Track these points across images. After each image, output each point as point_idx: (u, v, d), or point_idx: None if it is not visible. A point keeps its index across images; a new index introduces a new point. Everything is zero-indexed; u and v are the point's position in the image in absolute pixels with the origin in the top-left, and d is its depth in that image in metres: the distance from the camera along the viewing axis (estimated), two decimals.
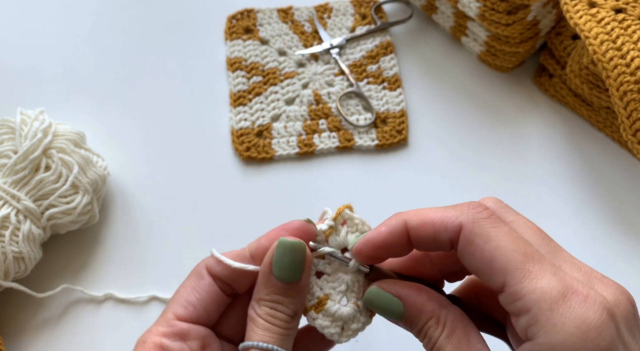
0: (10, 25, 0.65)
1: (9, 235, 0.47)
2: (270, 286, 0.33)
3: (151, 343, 0.33)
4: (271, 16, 0.64)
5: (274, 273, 0.33)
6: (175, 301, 0.35)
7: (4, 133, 0.50)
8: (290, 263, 0.33)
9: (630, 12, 0.50)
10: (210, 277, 0.35)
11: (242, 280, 0.35)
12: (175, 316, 0.34)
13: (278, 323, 0.33)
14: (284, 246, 0.33)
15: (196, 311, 0.35)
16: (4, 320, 0.50)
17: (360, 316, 0.34)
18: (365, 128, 0.58)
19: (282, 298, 0.33)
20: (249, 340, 0.33)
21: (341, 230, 0.35)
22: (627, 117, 0.49)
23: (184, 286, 0.36)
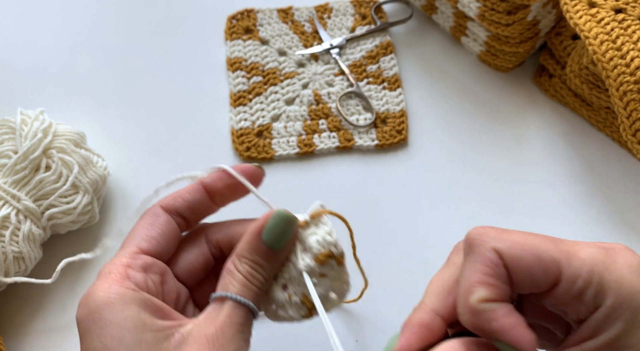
0: (10, 25, 0.65)
1: (9, 235, 0.47)
2: (255, 248, 0.35)
3: (117, 274, 0.34)
4: (271, 16, 0.64)
5: (263, 237, 0.35)
6: (136, 236, 0.36)
7: (4, 133, 0.50)
8: (280, 233, 0.35)
9: (630, 12, 0.51)
10: (166, 214, 0.37)
11: (199, 213, 0.38)
12: (139, 249, 0.36)
13: (255, 283, 0.35)
14: (280, 216, 0.35)
15: (158, 244, 0.36)
16: (4, 320, 0.50)
17: (288, 309, 0.36)
18: (365, 128, 0.58)
19: (263, 262, 0.35)
20: (225, 290, 0.34)
21: (309, 229, 0.36)
22: (627, 117, 0.49)
23: (140, 224, 0.37)
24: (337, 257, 0.35)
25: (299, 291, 0.36)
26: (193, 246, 0.38)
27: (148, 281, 0.35)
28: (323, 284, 0.35)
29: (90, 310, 0.33)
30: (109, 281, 0.34)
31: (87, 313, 0.33)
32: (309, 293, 0.35)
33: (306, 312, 0.36)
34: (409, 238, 0.53)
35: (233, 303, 0.34)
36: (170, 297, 0.36)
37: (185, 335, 0.33)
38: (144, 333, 0.32)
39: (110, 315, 0.32)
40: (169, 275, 0.36)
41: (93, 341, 0.32)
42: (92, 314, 0.33)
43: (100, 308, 0.33)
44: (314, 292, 0.35)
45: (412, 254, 0.53)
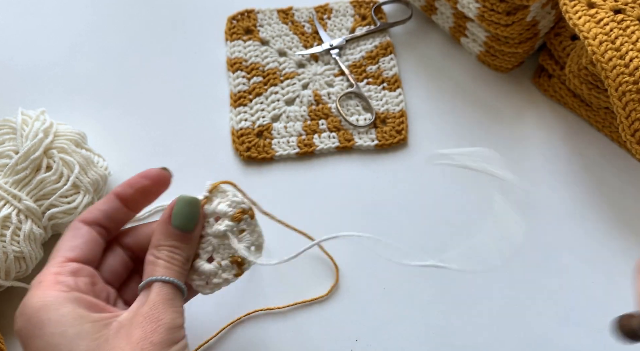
0: (11, 26, 0.65)
1: (10, 235, 0.47)
2: (169, 235, 0.38)
3: (48, 282, 0.36)
4: (271, 17, 0.65)
5: (173, 223, 0.38)
6: (61, 248, 0.39)
7: (5, 134, 0.50)
8: (188, 215, 0.39)
9: (629, 13, 0.51)
10: (86, 226, 0.40)
11: (116, 220, 0.41)
12: (66, 258, 0.38)
13: (176, 263, 0.38)
14: (183, 200, 0.39)
15: (82, 252, 0.39)
16: (4, 319, 0.50)
17: (221, 273, 0.40)
18: (365, 129, 0.58)
19: (179, 244, 0.38)
20: (150, 275, 0.37)
21: (214, 200, 0.40)
22: (626, 117, 0.50)
23: (63, 238, 0.39)
24: (248, 212, 0.40)
25: (226, 254, 0.40)
26: (111, 253, 0.41)
27: (79, 284, 0.37)
28: (244, 238, 0.40)
29: (28, 317, 0.35)
30: (42, 289, 0.36)
31: (25, 321, 0.35)
32: (235, 252, 0.40)
33: (237, 270, 0.40)
34: (409, 238, 0.53)
35: (159, 283, 0.37)
36: (102, 297, 0.38)
37: (122, 322, 0.36)
38: (83, 325, 0.34)
39: (47, 314, 0.34)
40: (97, 278, 0.39)
41: (36, 343, 0.34)
42: (30, 320, 0.35)
43: (37, 312, 0.35)
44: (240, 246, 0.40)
45: (412, 254, 0.53)
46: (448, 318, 0.50)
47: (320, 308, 0.50)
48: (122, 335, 0.35)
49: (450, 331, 0.49)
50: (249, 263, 0.40)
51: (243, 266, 0.40)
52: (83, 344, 0.34)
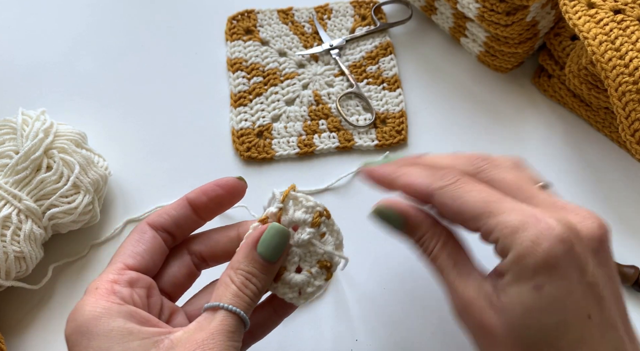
0: (11, 26, 0.65)
1: (10, 235, 0.47)
2: (251, 260, 0.36)
3: (104, 289, 0.35)
4: (271, 17, 0.65)
5: (258, 249, 0.36)
6: (122, 253, 0.38)
7: (6, 134, 0.50)
8: (275, 245, 0.37)
9: (629, 13, 0.51)
10: (152, 230, 0.39)
11: (185, 228, 0.40)
12: (125, 266, 0.37)
13: (248, 293, 0.36)
14: (275, 230, 0.37)
15: (144, 260, 0.38)
16: (5, 319, 0.50)
17: (313, 281, 0.39)
18: (365, 129, 0.58)
19: (258, 273, 0.36)
20: (219, 300, 0.35)
21: (289, 209, 0.38)
22: (626, 118, 0.50)
23: (128, 241, 0.38)
24: (324, 213, 0.39)
25: (313, 261, 0.39)
26: (175, 259, 0.40)
27: (134, 296, 0.36)
28: (327, 241, 0.39)
29: (78, 324, 0.34)
30: (96, 296, 0.35)
31: (74, 327, 0.34)
32: (321, 257, 0.39)
33: (327, 274, 0.39)
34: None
35: (225, 312, 0.35)
36: (155, 309, 0.37)
37: (174, 341, 0.34)
38: (131, 342, 0.33)
39: (96, 327, 0.34)
40: (154, 289, 0.38)
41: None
42: (80, 328, 0.34)
43: (87, 322, 0.34)
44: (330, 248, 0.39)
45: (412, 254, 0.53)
46: (448, 318, 0.50)
47: (320, 308, 0.50)
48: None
49: (451, 332, 0.49)
50: (336, 265, 0.40)
51: (331, 269, 0.39)
52: None
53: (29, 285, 0.49)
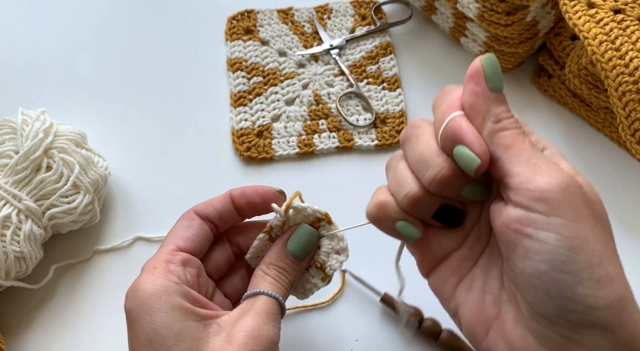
0: (11, 26, 0.65)
1: (10, 235, 0.47)
2: (282, 256, 0.40)
3: (161, 268, 0.38)
4: (271, 17, 0.65)
5: (288, 247, 0.40)
6: (174, 236, 0.41)
7: (6, 134, 0.50)
8: (304, 245, 0.41)
9: (629, 13, 0.51)
10: (199, 219, 0.41)
11: (226, 221, 0.43)
12: (177, 247, 0.40)
13: (283, 283, 0.40)
14: (305, 230, 0.41)
15: (193, 244, 0.40)
16: (5, 319, 0.50)
17: (311, 279, 0.42)
18: (365, 129, 0.58)
19: (289, 268, 0.40)
20: (257, 287, 0.39)
21: (291, 218, 0.41)
22: (626, 117, 0.50)
23: (178, 226, 0.41)
24: (324, 219, 0.42)
25: (311, 262, 0.42)
26: (218, 246, 0.43)
27: (187, 275, 0.39)
28: (323, 243, 0.42)
29: (139, 300, 0.36)
30: (155, 275, 0.37)
31: (136, 303, 0.36)
32: (318, 258, 0.42)
33: (323, 274, 0.42)
34: None
35: (265, 297, 0.38)
36: (204, 289, 0.40)
37: (221, 325, 0.37)
38: (189, 321, 0.36)
39: (157, 304, 0.36)
40: (202, 270, 0.41)
41: (144, 327, 0.36)
42: (142, 304, 0.36)
43: (149, 298, 0.36)
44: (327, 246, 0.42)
45: None
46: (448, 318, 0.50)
47: (320, 307, 0.50)
48: (222, 339, 0.36)
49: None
50: (330, 267, 0.42)
51: (326, 270, 0.42)
52: (187, 341, 0.35)
53: (29, 285, 0.49)
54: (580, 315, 0.29)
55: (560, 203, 0.29)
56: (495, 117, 0.32)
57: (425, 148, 0.33)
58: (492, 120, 0.32)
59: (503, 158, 0.31)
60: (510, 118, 0.32)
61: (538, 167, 0.30)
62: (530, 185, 0.30)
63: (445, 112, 0.34)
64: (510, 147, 0.31)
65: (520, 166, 0.30)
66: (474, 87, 0.33)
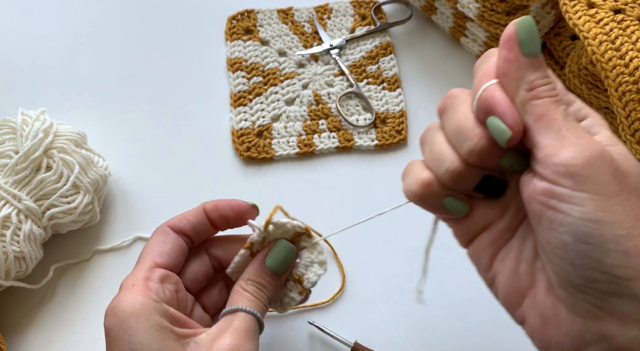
0: (11, 26, 0.65)
1: (10, 235, 0.47)
2: (260, 272, 0.40)
3: (140, 286, 0.38)
4: (271, 17, 0.65)
5: (267, 263, 0.40)
6: (150, 252, 0.40)
7: (5, 134, 0.50)
8: (283, 260, 0.41)
9: (629, 13, 0.51)
10: (174, 233, 0.42)
11: (201, 233, 0.43)
12: (155, 263, 0.40)
13: (261, 299, 0.40)
14: (283, 246, 0.41)
15: (170, 259, 0.40)
16: (5, 319, 0.50)
17: (289, 293, 0.42)
18: (365, 129, 0.58)
19: (266, 283, 0.40)
20: (236, 304, 0.39)
21: (271, 234, 0.41)
22: (626, 117, 0.50)
23: (152, 242, 0.41)
24: (303, 233, 0.42)
25: (289, 275, 0.42)
26: (196, 259, 0.43)
27: (165, 291, 0.39)
28: (302, 256, 0.42)
29: (119, 319, 0.36)
30: (134, 293, 0.37)
31: (116, 322, 0.36)
32: (296, 271, 0.42)
33: (300, 288, 0.42)
34: (409, 238, 0.53)
35: (244, 313, 0.38)
36: (182, 304, 0.40)
37: (199, 344, 0.37)
38: (168, 340, 0.36)
39: (137, 323, 0.36)
40: (180, 285, 0.41)
41: (123, 346, 0.36)
42: (121, 323, 0.36)
43: (128, 317, 0.36)
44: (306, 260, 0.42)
45: (412, 254, 0.53)
46: (448, 318, 0.50)
47: (320, 307, 0.50)
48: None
49: (451, 332, 0.49)
50: (308, 280, 0.42)
51: (303, 284, 0.42)
52: None
53: (29, 285, 0.49)
54: (608, 285, 0.29)
55: (585, 177, 0.29)
56: (529, 84, 0.30)
57: (462, 118, 0.33)
58: (525, 88, 0.31)
59: (533, 128, 0.30)
60: (545, 86, 0.31)
61: (567, 140, 0.29)
62: (556, 158, 0.29)
63: (480, 80, 0.33)
64: (541, 118, 0.30)
65: (548, 138, 0.30)
66: (507, 53, 0.31)
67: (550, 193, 0.29)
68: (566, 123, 0.30)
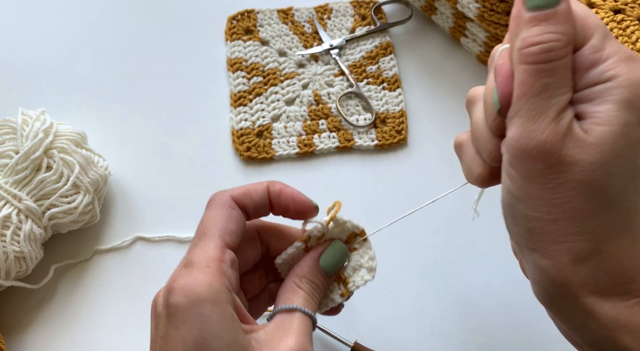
0: (11, 26, 0.65)
1: (10, 235, 0.47)
2: (315, 271, 0.39)
3: (214, 269, 0.34)
4: (271, 17, 0.65)
5: (321, 263, 0.39)
6: (218, 227, 0.36)
7: (6, 134, 0.50)
8: (337, 262, 0.39)
9: (628, 13, 0.51)
10: (239, 209, 0.38)
11: (259, 214, 0.40)
12: (225, 243, 0.36)
13: (315, 299, 0.38)
14: (338, 247, 0.40)
15: (237, 239, 0.37)
16: (5, 319, 0.50)
17: (330, 294, 0.40)
18: (364, 129, 0.58)
19: (320, 283, 0.39)
20: (292, 303, 0.37)
21: (329, 230, 0.40)
22: None
23: (218, 215, 0.37)
24: (359, 235, 0.41)
25: None
26: (250, 242, 0.40)
27: (232, 278, 0.35)
28: (352, 258, 0.41)
29: (192, 302, 0.33)
30: (209, 276, 0.34)
31: (188, 304, 0.33)
32: (343, 272, 0.40)
33: (343, 289, 0.40)
34: (409, 238, 0.53)
35: (301, 314, 0.36)
36: (241, 293, 0.39)
37: (260, 342, 0.34)
38: (237, 335, 0.34)
39: (212, 312, 0.33)
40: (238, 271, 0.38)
41: (193, 332, 0.33)
42: (194, 307, 0.33)
43: (203, 303, 0.33)
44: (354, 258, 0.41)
45: (412, 254, 0.53)
46: (448, 318, 0.50)
47: None
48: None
49: (451, 332, 0.49)
50: (354, 283, 0.40)
51: (348, 286, 0.40)
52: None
53: (29, 285, 0.50)
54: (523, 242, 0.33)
55: (519, 160, 0.30)
56: (520, 42, 0.29)
57: (475, 126, 0.36)
58: (517, 47, 0.29)
59: (514, 97, 0.30)
60: (539, 45, 0.29)
61: (522, 120, 0.29)
62: (508, 132, 0.30)
63: (503, 43, 0.32)
64: (518, 87, 0.29)
65: (512, 112, 0.30)
66: (514, 8, 0.30)
67: (501, 159, 0.32)
68: (531, 103, 0.29)
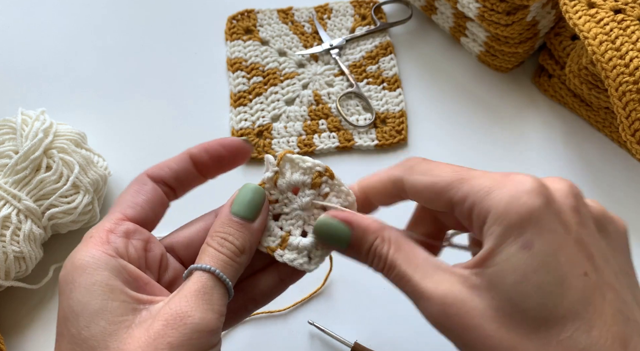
0: (11, 26, 0.65)
1: (9, 235, 0.47)
2: (226, 222, 0.35)
3: (98, 238, 0.33)
4: (271, 17, 0.65)
5: (232, 210, 0.35)
6: (122, 203, 0.36)
7: (5, 134, 0.50)
8: (249, 202, 0.36)
9: (629, 13, 0.51)
10: (152, 182, 0.37)
11: (185, 182, 0.38)
12: (124, 216, 0.35)
13: (224, 252, 0.34)
14: (247, 188, 0.36)
15: (143, 211, 0.36)
16: (5, 319, 0.50)
17: (318, 250, 0.37)
18: (365, 129, 0.58)
19: (234, 231, 0.35)
20: (199, 263, 0.34)
21: (286, 172, 0.37)
22: (626, 117, 0.50)
23: (127, 191, 0.36)
24: (326, 173, 0.37)
25: None
26: (198, 223, 0.39)
27: (129, 248, 0.34)
28: (331, 201, 0.37)
29: (67, 272, 0.32)
30: (88, 245, 0.33)
31: (64, 274, 0.32)
32: None
33: None
34: None
35: (199, 272, 0.33)
36: (154, 265, 0.35)
37: (152, 313, 0.31)
38: (110, 301, 0.31)
39: (80, 278, 0.31)
40: (154, 243, 0.36)
41: (62, 302, 0.32)
42: (67, 276, 0.32)
43: (74, 270, 0.32)
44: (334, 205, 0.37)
45: None
46: None
47: (319, 308, 0.50)
48: (144, 327, 0.31)
49: None
50: None
51: None
52: (100, 323, 0.30)
53: (29, 285, 0.49)
54: None
55: None
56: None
57: None
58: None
59: None
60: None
61: None
62: None
63: None
64: None
65: None
66: None
67: None
68: None
